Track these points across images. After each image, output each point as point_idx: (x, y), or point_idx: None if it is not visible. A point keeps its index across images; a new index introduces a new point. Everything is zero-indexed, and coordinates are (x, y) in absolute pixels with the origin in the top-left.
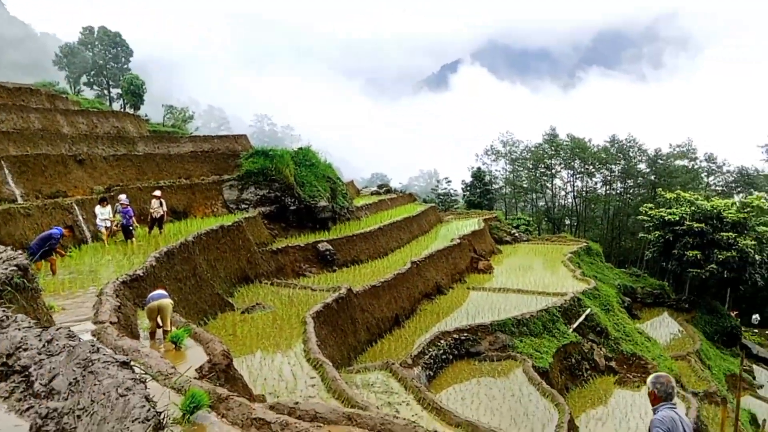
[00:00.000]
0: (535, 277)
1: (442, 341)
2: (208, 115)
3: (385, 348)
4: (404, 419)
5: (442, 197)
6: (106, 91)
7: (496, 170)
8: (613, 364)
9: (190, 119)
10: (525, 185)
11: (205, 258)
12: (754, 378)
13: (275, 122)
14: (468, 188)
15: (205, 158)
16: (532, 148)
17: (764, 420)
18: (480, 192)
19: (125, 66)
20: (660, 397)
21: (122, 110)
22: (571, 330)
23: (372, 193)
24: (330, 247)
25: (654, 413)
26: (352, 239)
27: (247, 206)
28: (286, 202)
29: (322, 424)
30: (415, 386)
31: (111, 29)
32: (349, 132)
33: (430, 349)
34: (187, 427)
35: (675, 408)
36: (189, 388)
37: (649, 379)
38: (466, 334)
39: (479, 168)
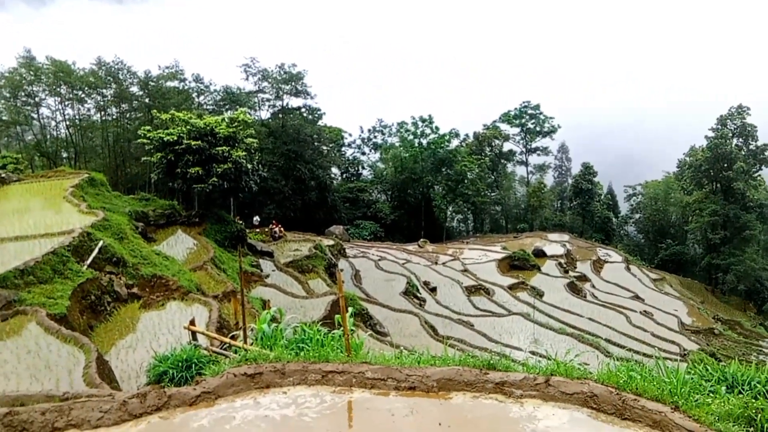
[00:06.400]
0: (34, 219)
1: None
2: None
3: None
4: None
5: None
6: None
7: None
8: (135, 290)
9: None
10: (5, 118)
11: None
12: (261, 270)
13: None
14: None
15: None
16: (6, 74)
17: (269, 300)
18: None
19: None
20: None
21: None
22: (86, 267)
23: None
24: None
25: None
26: None
27: None
28: None
29: None
30: None
31: None
32: None
33: None
34: None
35: None
36: None
37: None
38: None
39: None
